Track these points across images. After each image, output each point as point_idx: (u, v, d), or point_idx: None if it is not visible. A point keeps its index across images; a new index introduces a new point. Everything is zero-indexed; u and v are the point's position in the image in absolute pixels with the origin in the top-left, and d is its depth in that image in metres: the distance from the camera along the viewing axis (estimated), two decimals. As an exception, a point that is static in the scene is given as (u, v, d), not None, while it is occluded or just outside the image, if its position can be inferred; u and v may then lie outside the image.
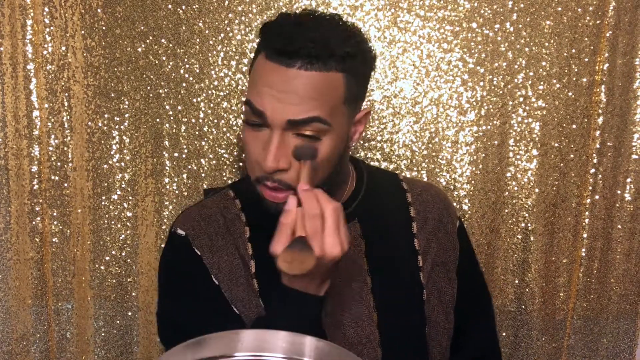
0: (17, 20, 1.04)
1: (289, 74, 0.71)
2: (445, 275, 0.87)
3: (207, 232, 0.82)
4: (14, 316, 1.12)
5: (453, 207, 0.93)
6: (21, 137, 1.08)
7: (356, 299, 0.81)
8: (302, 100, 0.71)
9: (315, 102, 0.71)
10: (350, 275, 0.81)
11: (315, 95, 0.71)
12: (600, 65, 1.10)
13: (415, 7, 1.08)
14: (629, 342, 1.18)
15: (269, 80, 0.72)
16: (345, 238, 0.67)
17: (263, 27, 0.77)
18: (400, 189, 0.90)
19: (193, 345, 0.45)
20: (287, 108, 0.71)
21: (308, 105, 0.71)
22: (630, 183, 1.13)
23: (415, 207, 0.88)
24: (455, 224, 0.90)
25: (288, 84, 0.71)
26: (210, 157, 1.11)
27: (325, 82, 0.72)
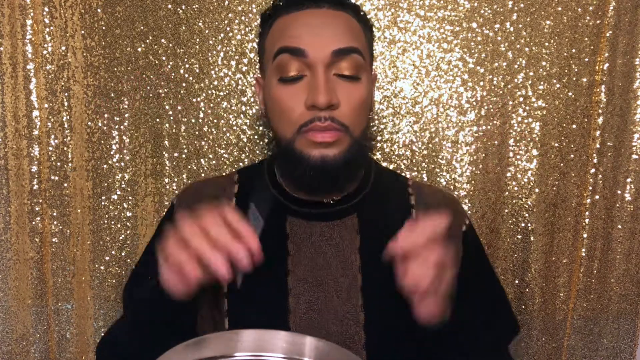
0: (17, 20, 1.04)
1: (321, 12, 0.74)
2: None
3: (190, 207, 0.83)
4: (14, 316, 1.12)
5: (460, 213, 0.88)
6: (21, 137, 1.08)
7: (342, 296, 0.77)
8: (342, 31, 0.73)
9: (352, 36, 0.74)
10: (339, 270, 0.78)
11: (350, 31, 0.74)
12: (600, 65, 1.10)
13: (415, 7, 1.08)
14: (629, 342, 1.18)
15: (301, 23, 0.73)
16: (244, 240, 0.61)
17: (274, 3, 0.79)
18: (405, 192, 0.87)
19: (193, 345, 0.45)
20: (328, 40, 0.72)
21: (347, 37, 0.73)
22: (630, 183, 1.13)
23: (417, 209, 0.85)
24: (461, 227, 0.86)
25: (323, 20, 0.73)
26: (210, 157, 1.11)
27: (352, 23, 0.76)
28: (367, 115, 0.78)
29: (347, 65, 0.73)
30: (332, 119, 0.72)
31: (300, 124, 0.73)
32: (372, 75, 0.82)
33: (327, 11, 0.75)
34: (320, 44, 0.72)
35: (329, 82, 0.72)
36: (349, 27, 0.75)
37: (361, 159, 0.79)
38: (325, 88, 0.71)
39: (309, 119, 0.72)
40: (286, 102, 0.74)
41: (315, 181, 0.75)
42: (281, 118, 0.75)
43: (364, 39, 0.78)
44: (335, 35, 0.72)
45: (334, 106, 0.72)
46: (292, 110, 0.73)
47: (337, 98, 0.72)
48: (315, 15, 0.74)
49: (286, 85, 0.73)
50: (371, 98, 0.80)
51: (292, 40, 0.72)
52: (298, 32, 0.73)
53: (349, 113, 0.73)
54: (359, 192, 0.83)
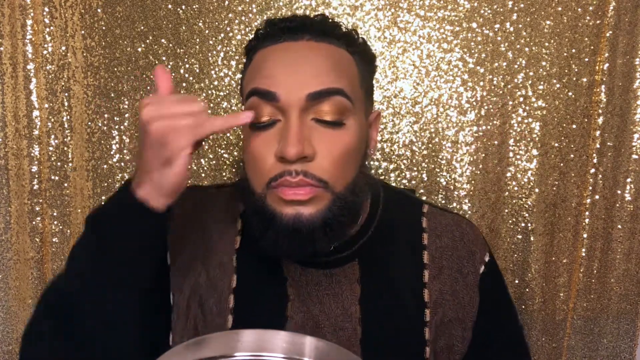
0: (17, 20, 1.04)
1: (299, 46, 0.65)
2: (460, 334, 0.74)
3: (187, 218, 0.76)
4: (14, 316, 1.12)
5: (480, 253, 0.77)
6: (21, 137, 1.08)
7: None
8: (320, 70, 0.63)
9: (335, 73, 0.64)
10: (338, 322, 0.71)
11: (333, 67, 0.64)
12: (600, 65, 1.10)
13: (415, 7, 1.08)
14: (629, 342, 1.18)
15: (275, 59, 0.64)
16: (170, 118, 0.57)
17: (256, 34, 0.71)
18: (417, 228, 0.76)
19: (193, 345, 0.45)
20: (304, 81, 0.62)
21: (327, 76, 0.63)
22: (630, 183, 1.13)
23: (431, 253, 0.75)
24: (478, 272, 0.75)
25: (301, 56, 0.64)
26: (210, 157, 1.11)
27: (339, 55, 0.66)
28: (356, 164, 0.67)
29: (328, 109, 0.63)
30: (305, 174, 0.62)
31: (269, 177, 0.64)
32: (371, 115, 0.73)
33: (307, 43, 0.65)
34: (295, 85, 0.62)
35: (303, 129, 0.62)
36: (332, 63, 0.65)
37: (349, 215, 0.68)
38: (296, 138, 0.61)
39: (278, 172, 0.63)
40: (257, 151, 0.65)
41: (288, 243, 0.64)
42: (253, 169, 0.66)
43: (356, 74, 0.68)
44: (312, 75, 0.63)
45: (307, 158, 0.62)
46: (263, 161, 0.64)
47: (312, 148, 0.62)
48: (293, 50, 0.65)
49: (258, 132, 0.64)
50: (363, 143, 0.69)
51: (263, 81, 0.64)
52: (270, 71, 0.64)
53: (328, 165, 0.63)
54: (361, 236, 0.74)
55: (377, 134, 0.75)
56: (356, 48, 0.70)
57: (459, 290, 0.74)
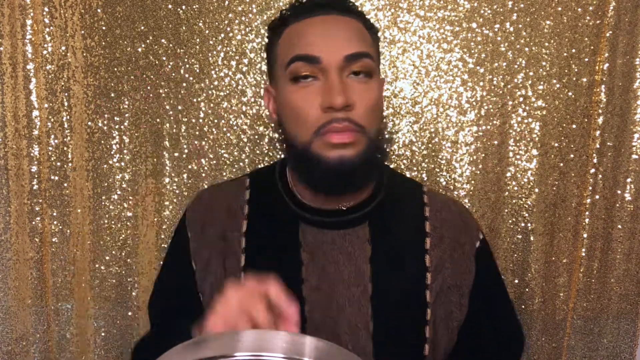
0: (17, 20, 1.04)
1: (330, 19, 0.76)
2: (457, 300, 0.81)
3: (203, 218, 0.84)
4: (14, 316, 1.12)
5: (474, 228, 0.86)
6: (21, 137, 1.08)
7: (354, 306, 0.77)
8: (352, 37, 0.75)
9: (362, 41, 0.76)
10: (351, 279, 0.78)
11: (359, 35, 0.76)
12: (600, 65, 1.10)
13: (415, 7, 1.08)
14: (629, 342, 1.18)
15: (313, 30, 0.75)
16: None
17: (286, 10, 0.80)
18: (419, 202, 0.85)
19: (193, 345, 0.45)
20: (341, 45, 0.73)
21: (358, 42, 0.75)
22: (630, 183, 1.13)
23: (432, 223, 0.83)
24: (475, 244, 0.84)
25: (334, 26, 0.75)
26: (210, 157, 1.11)
27: (361, 29, 0.78)
28: (382, 115, 0.79)
29: (360, 68, 0.74)
30: (349, 120, 0.72)
31: (317, 126, 0.73)
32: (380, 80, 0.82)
33: (336, 17, 0.76)
34: (333, 49, 0.73)
35: (343, 83, 0.72)
36: (358, 33, 0.76)
37: (377, 159, 0.80)
38: (341, 89, 0.71)
39: (326, 120, 0.72)
40: (301, 105, 0.74)
41: (333, 182, 0.75)
42: (297, 122, 0.75)
43: (372, 43, 0.79)
44: (346, 41, 0.74)
45: (350, 107, 0.72)
46: (308, 114, 0.73)
47: (353, 99, 0.72)
48: (326, 22, 0.76)
49: (299, 89, 0.74)
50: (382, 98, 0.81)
51: (305, 48, 0.73)
52: (310, 39, 0.74)
53: (364, 113, 0.73)
54: (371, 200, 0.82)
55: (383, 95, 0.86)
56: (368, 24, 0.81)
57: (457, 258, 0.82)
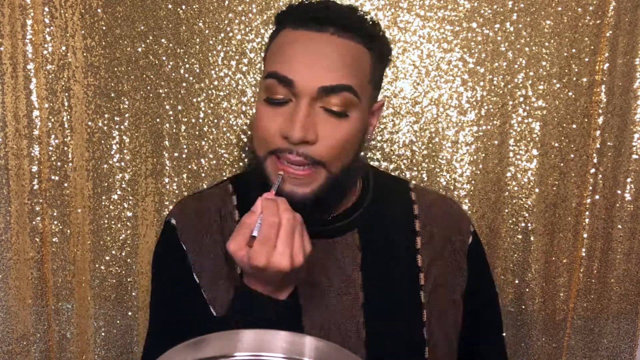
0: (17, 20, 1.04)
1: (322, 38, 0.70)
2: (449, 297, 0.81)
3: (197, 228, 0.81)
4: (14, 316, 1.12)
5: (466, 224, 0.85)
6: (21, 137, 1.08)
7: (345, 314, 0.76)
8: (335, 66, 0.69)
9: (347, 70, 0.69)
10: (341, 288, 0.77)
11: (348, 63, 0.70)
12: (600, 65, 1.10)
13: (415, 7, 1.08)
14: (630, 342, 1.18)
15: (299, 47, 0.70)
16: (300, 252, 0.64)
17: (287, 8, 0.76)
18: (407, 200, 0.84)
19: (193, 345, 0.45)
20: (319, 74, 0.68)
21: (341, 73, 0.69)
22: (631, 183, 1.13)
23: (421, 221, 0.82)
24: (467, 242, 0.83)
25: (321, 49, 0.69)
26: (210, 157, 1.11)
27: (356, 53, 0.71)
28: (353, 150, 0.74)
29: (335, 102, 0.69)
30: (305, 156, 0.69)
31: (272, 148, 0.71)
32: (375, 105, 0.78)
33: (329, 37, 0.70)
34: (310, 76, 0.68)
35: (310, 116, 0.68)
36: (347, 60, 0.70)
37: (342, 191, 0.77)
38: (301, 124, 0.68)
39: (281, 147, 0.70)
40: (266, 123, 0.71)
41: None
42: (257, 136, 0.74)
43: (368, 70, 0.73)
44: (327, 70, 0.68)
45: (308, 142, 0.69)
46: (268, 133, 0.71)
47: (315, 134, 0.69)
48: (314, 42, 0.70)
49: (270, 107, 0.71)
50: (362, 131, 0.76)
51: (283, 66, 0.69)
52: (290, 58, 0.69)
53: (327, 150, 0.70)
54: (358, 206, 0.81)
55: (377, 121, 0.81)
56: (374, 44, 0.74)
57: (447, 256, 0.81)
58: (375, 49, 0.74)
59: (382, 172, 0.93)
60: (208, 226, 0.81)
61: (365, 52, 0.73)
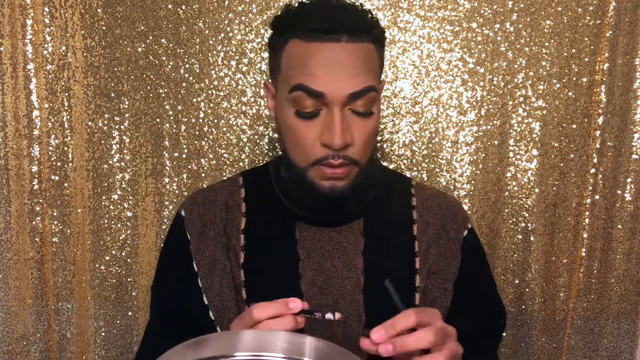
0: (17, 20, 1.04)
1: (339, 48, 0.72)
2: (442, 285, 0.84)
3: (202, 219, 0.84)
4: (14, 316, 1.12)
5: (462, 217, 0.88)
6: (21, 137, 1.08)
7: (347, 298, 0.79)
8: (358, 71, 0.73)
9: (367, 72, 0.74)
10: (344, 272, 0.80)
11: (366, 66, 0.74)
12: (600, 65, 1.10)
13: (415, 7, 1.08)
14: (630, 342, 1.18)
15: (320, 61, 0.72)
16: None
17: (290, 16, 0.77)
18: (407, 193, 0.89)
19: (193, 345, 0.45)
20: (346, 82, 0.72)
21: (364, 77, 0.73)
22: (631, 183, 1.13)
23: (418, 211, 0.86)
24: (462, 232, 0.87)
25: (342, 59, 0.72)
26: (210, 157, 1.11)
27: (368, 53, 0.75)
28: (375, 141, 0.80)
29: (362, 103, 0.74)
30: (345, 157, 0.74)
31: (315, 158, 0.75)
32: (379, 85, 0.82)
33: (345, 45, 0.73)
34: (339, 86, 0.72)
35: (344, 121, 0.73)
36: (365, 63, 0.74)
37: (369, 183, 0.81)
38: (340, 130, 0.72)
39: (323, 155, 0.74)
40: (302, 134, 0.75)
41: (324, 209, 0.78)
42: (296, 147, 0.77)
43: (378, 64, 0.78)
44: (352, 77, 0.73)
45: (348, 146, 0.74)
46: (307, 144, 0.75)
47: (352, 137, 0.74)
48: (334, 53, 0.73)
49: (303, 120, 0.74)
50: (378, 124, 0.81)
51: (310, 80, 0.72)
52: (316, 71, 0.72)
53: (361, 148, 0.75)
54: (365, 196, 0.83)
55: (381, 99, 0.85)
56: (377, 38, 0.78)
57: (442, 244, 0.85)
58: (378, 40, 0.79)
59: (387, 168, 0.96)
60: (213, 218, 0.84)
61: (373, 48, 0.77)
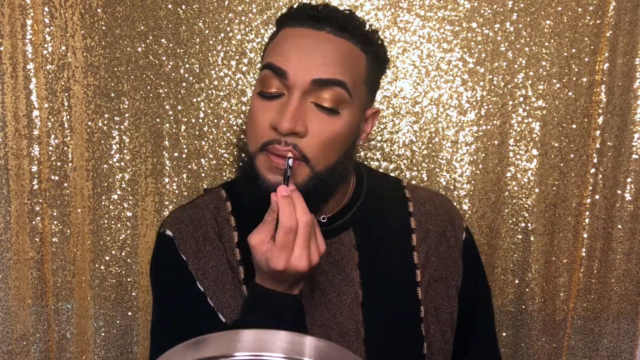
0: (17, 20, 1.04)
1: (318, 36, 0.72)
2: (445, 293, 0.82)
3: (194, 237, 0.81)
4: (14, 316, 1.12)
5: (459, 220, 0.87)
6: (21, 137, 1.08)
7: (345, 313, 0.77)
8: (329, 61, 0.70)
9: (341, 67, 0.71)
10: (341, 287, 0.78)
11: (342, 61, 0.71)
12: (600, 65, 1.10)
13: (415, 7, 1.08)
14: (630, 342, 1.18)
15: (295, 42, 0.72)
16: (316, 252, 0.66)
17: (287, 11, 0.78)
18: (401, 198, 0.85)
19: (193, 345, 0.45)
20: (312, 67, 0.69)
21: (334, 68, 0.70)
22: (631, 183, 1.13)
23: (417, 218, 0.83)
24: (460, 237, 0.85)
25: (316, 45, 0.71)
26: (210, 157, 1.11)
27: (351, 53, 0.73)
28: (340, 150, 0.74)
29: (327, 97, 0.70)
30: (294, 146, 0.70)
31: (262, 142, 0.71)
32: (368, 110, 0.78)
33: (326, 35, 0.72)
34: (304, 69, 0.69)
35: (301, 109, 0.69)
36: (341, 57, 0.71)
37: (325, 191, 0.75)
38: (292, 113, 0.69)
39: (270, 139, 0.71)
40: (258, 116, 0.72)
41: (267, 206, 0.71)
42: (250, 131, 0.74)
43: (362, 71, 0.74)
44: (321, 64, 0.70)
45: (297, 134, 0.70)
46: (260, 126, 0.72)
47: (304, 127, 0.70)
48: (311, 38, 0.72)
49: (263, 100, 0.72)
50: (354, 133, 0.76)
51: (278, 58, 0.71)
52: (286, 51, 0.71)
53: (315, 145, 0.70)
54: (352, 206, 0.82)
55: (371, 129, 0.81)
56: (371, 48, 0.75)
57: (443, 251, 0.83)
58: (372, 53, 0.75)
59: (374, 171, 0.93)
60: (205, 234, 0.81)
61: (361, 54, 0.74)
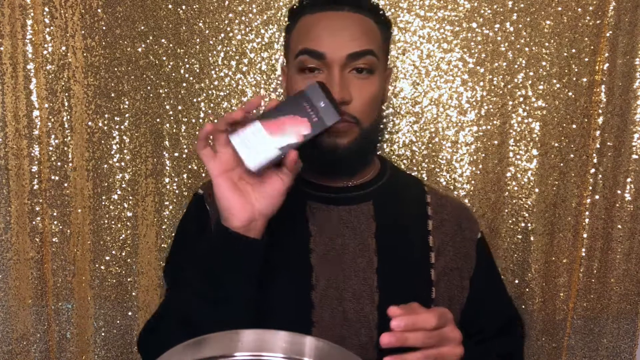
0: (17, 20, 1.04)
1: (340, 15, 0.81)
2: (459, 283, 0.86)
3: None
4: (14, 316, 1.12)
5: (475, 220, 0.92)
6: (21, 137, 1.08)
7: (359, 276, 0.81)
8: (357, 35, 0.79)
9: (367, 38, 0.80)
10: (356, 251, 0.82)
11: (366, 33, 0.81)
12: (600, 65, 1.10)
13: (415, 7, 1.08)
14: (630, 342, 1.18)
15: (322, 26, 0.80)
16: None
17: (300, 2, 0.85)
18: (420, 190, 0.92)
19: (193, 345, 0.45)
20: (345, 44, 0.78)
21: (362, 40, 0.79)
22: (631, 183, 1.13)
23: (433, 208, 0.89)
24: (476, 233, 0.90)
25: (342, 23, 0.80)
26: (210, 157, 1.11)
27: (369, 25, 0.82)
28: (379, 107, 0.85)
29: (362, 65, 0.79)
30: (346, 113, 0.78)
31: None
32: (386, 72, 0.88)
33: (346, 14, 0.81)
34: (338, 47, 0.78)
35: (343, 80, 0.78)
36: (365, 30, 0.81)
37: (371, 146, 0.86)
38: (339, 85, 0.77)
39: None
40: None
41: (328, 164, 0.83)
42: None
43: (380, 38, 0.84)
44: (351, 39, 0.79)
45: (346, 102, 0.78)
46: None
47: (350, 95, 0.78)
48: (335, 19, 0.80)
49: (305, 79, 0.80)
50: (383, 92, 0.86)
51: (313, 42, 0.79)
52: (318, 35, 0.79)
53: (360, 107, 0.79)
54: (374, 182, 0.88)
55: (389, 85, 0.92)
56: (379, 19, 0.85)
57: (458, 242, 0.87)
58: (381, 23, 0.85)
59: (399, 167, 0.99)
60: None
61: (375, 26, 0.84)
